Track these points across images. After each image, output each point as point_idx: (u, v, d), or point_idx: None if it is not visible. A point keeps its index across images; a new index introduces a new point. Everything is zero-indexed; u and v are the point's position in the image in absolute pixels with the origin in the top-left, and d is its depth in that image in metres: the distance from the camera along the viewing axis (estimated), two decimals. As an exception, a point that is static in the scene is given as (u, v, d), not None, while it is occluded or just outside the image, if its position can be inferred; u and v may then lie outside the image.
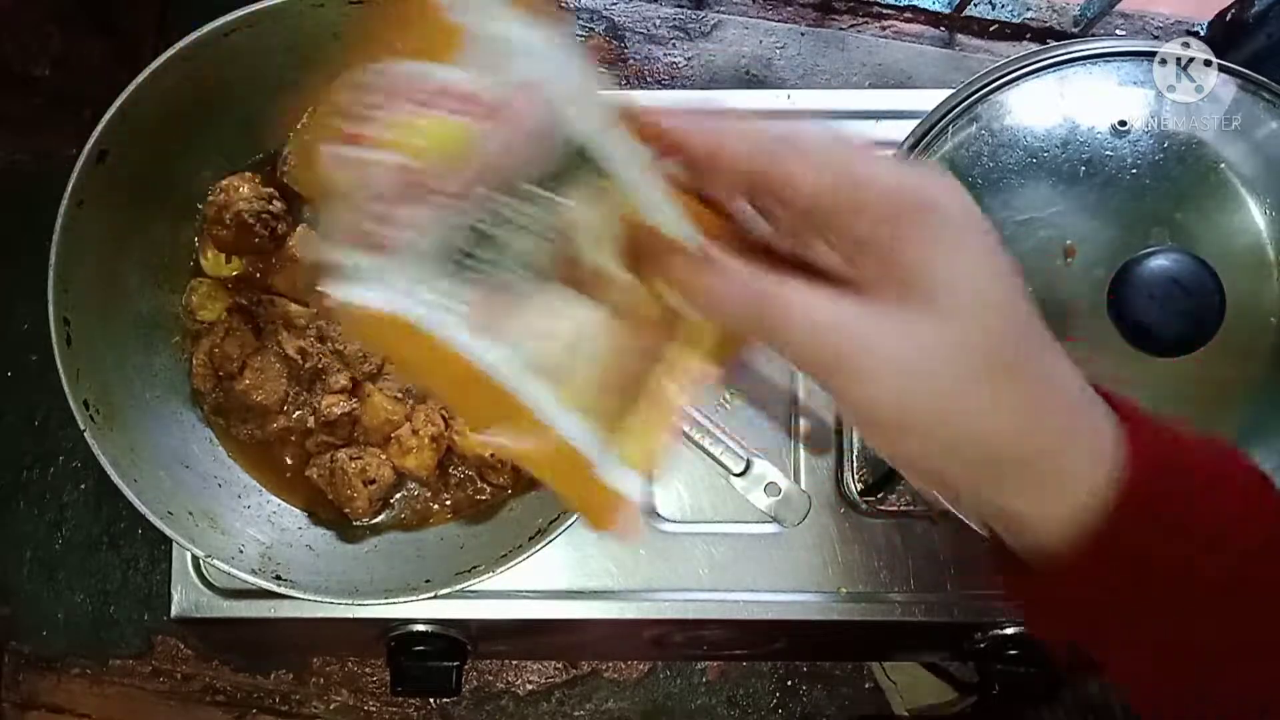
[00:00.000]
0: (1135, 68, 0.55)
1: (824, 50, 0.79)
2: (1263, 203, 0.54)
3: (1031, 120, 0.55)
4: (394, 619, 0.62)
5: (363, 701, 0.78)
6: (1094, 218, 0.53)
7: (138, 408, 0.60)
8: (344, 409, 0.62)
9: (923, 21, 0.80)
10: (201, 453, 0.63)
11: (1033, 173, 0.54)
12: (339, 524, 0.63)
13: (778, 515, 0.59)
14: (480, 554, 0.59)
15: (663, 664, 0.78)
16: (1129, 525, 0.31)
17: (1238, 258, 0.53)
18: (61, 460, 0.78)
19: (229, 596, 0.62)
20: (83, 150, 0.54)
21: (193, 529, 0.57)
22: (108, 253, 0.59)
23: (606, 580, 0.63)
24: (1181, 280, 0.50)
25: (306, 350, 0.63)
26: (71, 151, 0.54)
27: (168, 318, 0.64)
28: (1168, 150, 0.54)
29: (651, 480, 0.33)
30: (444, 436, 0.62)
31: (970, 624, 0.63)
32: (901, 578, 0.63)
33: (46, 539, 0.78)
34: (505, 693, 0.79)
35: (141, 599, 0.77)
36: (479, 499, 0.64)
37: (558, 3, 0.30)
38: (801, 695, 0.78)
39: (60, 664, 0.77)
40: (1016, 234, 0.54)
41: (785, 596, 0.63)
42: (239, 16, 0.55)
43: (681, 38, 0.80)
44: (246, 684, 0.78)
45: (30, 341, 0.78)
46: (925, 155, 0.55)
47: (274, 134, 0.63)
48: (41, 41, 0.80)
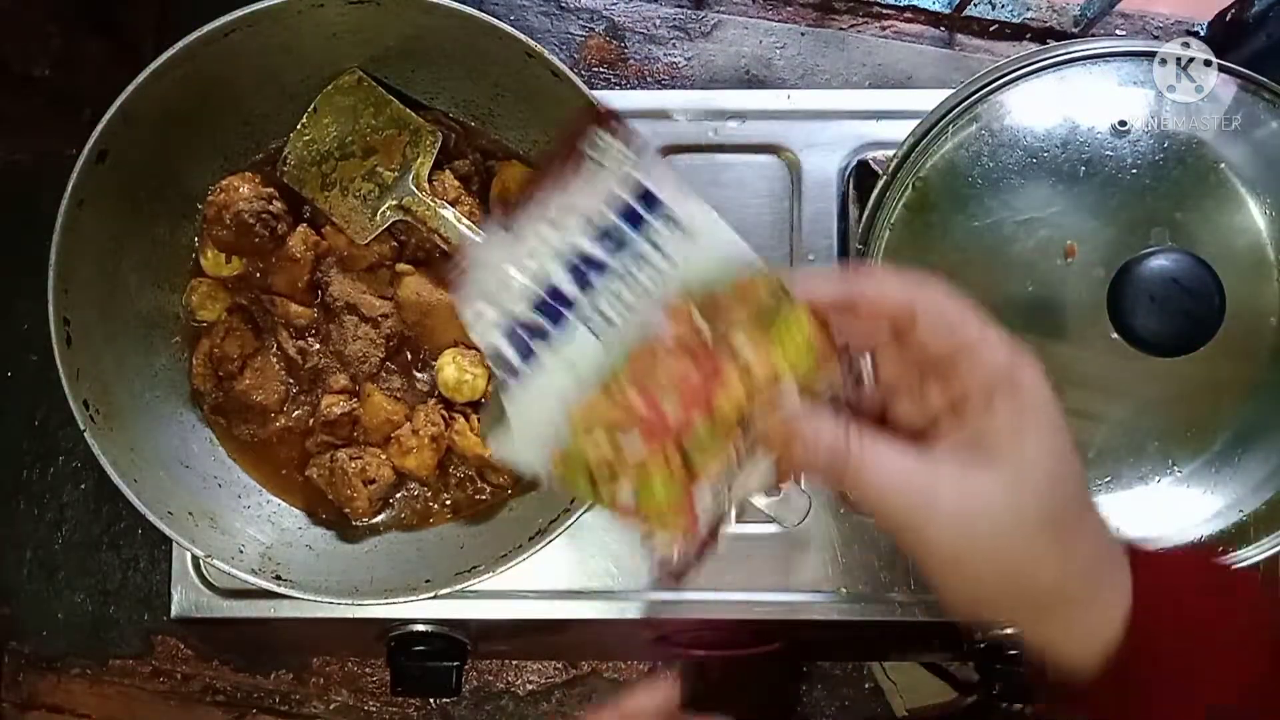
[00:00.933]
0: (1135, 68, 0.55)
1: (824, 50, 0.79)
2: (1263, 203, 0.54)
3: (1031, 120, 0.55)
4: (394, 619, 0.62)
5: (363, 701, 0.78)
6: (1094, 218, 0.53)
7: (138, 408, 0.60)
8: (344, 409, 0.62)
9: (923, 21, 0.80)
10: (201, 453, 0.63)
11: (1033, 173, 0.54)
12: (339, 524, 0.63)
13: (778, 515, 0.59)
14: (480, 554, 0.59)
15: (663, 664, 0.78)
16: (1133, 659, 0.36)
17: (1238, 258, 0.53)
18: (61, 460, 0.78)
19: (229, 596, 0.62)
20: (83, 150, 0.54)
21: (193, 529, 0.57)
22: (108, 253, 0.59)
23: (606, 580, 0.63)
24: (1181, 280, 0.50)
25: (306, 350, 0.63)
26: (71, 151, 0.54)
27: (168, 318, 0.64)
28: (1168, 150, 0.54)
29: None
30: (444, 436, 0.62)
31: (970, 624, 0.63)
32: (901, 578, 0.63)
33: (46, 539, 0.78)
34: (505, 693, 0.79)
35: (141, 599, 0.77)
36: (479, 499, 0.64)
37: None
38: (801, 695, 0.78)
39: (60, 664, 0.77)
40: (1016, 234, 0.54)
41: (785, 596, 0.63)
42: (239, 16, 0.55)
43: (681, 38, 0.80)
44: (246, 684, 0.78)
45: (30, 341, 0.78)
46: (925, 155, 0.55)
47: (274, 134, 0.64)
48: (41, 41, 0.80)
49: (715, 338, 0.35)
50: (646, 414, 0.35)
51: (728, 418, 0.35)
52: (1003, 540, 0.35)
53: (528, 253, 0.36)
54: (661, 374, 0.35)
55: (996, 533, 0.34)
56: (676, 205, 0.35)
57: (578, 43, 0.80)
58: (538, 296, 0.36)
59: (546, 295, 0.36)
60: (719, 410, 0.35)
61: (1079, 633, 0.36)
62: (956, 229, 0.55)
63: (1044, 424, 0.35)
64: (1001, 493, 0.34)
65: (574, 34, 0.80)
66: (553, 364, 0.36)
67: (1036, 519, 0.35)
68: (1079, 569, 0.36)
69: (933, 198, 0.55)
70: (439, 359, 0.62)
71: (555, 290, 0.36)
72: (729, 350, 0.35)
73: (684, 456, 0.35)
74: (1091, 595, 0.36)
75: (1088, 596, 0.36)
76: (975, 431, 0.35)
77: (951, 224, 0.55)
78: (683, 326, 0.35)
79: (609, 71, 0.79)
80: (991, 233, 0.54)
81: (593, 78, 0.79)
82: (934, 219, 0.55)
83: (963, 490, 0.35)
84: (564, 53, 0.79)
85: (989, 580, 0.36)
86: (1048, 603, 0.36)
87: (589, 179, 0.35)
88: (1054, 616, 0.36)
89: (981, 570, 0.35)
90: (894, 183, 0.56)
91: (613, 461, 0.35)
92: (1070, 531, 0.36)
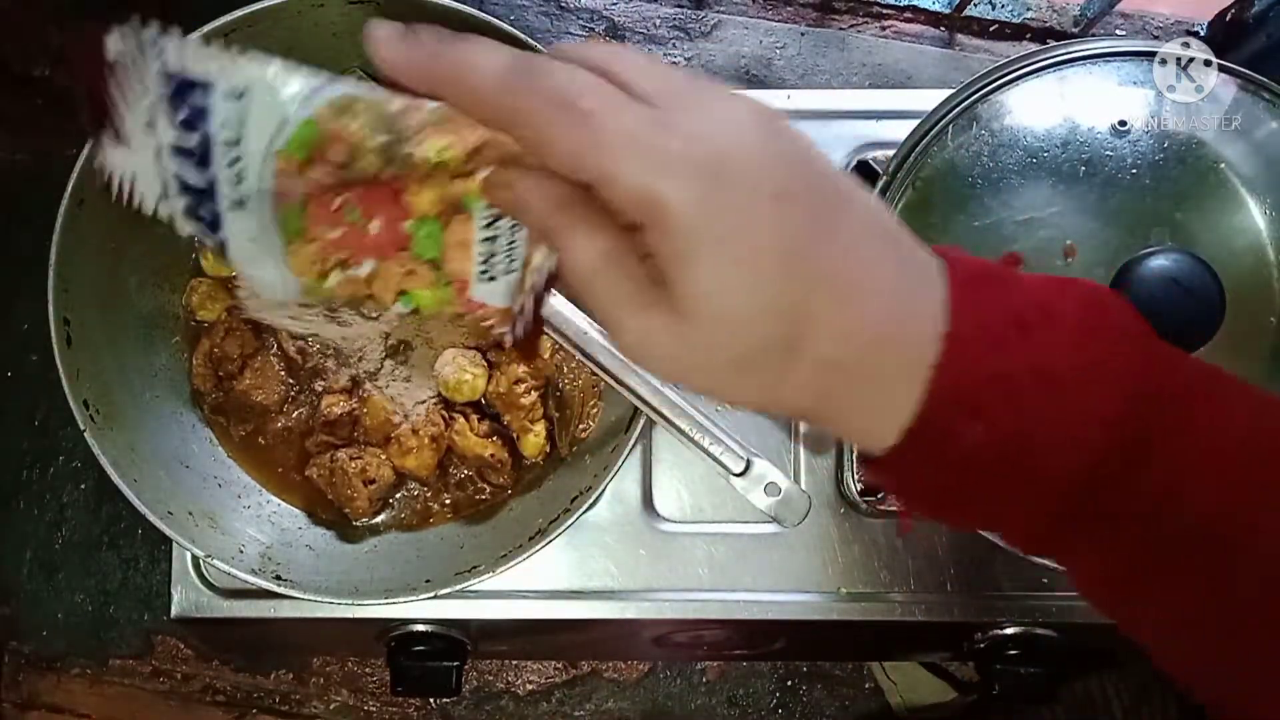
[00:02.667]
0: (1135, 68, 0.55)
1: (824, 50, 0.79)
2: (1263, 203, 0.53)
3: (1031, 120, 0.55)
4: (394, 619, 0.62)
5: (363, 701, 0.78)
6: (1094, 218, 0.53)
7: (137, 407, 0.60)
8: (344, 409, 0.62)
9: (923, 21, 0.80)
10: (201, 452, 0.63)
11: (1033, 173, 0.54)
12: (339, 524, 0.63)
13: (778, 515, 0.59)
14: (480, 554, 0.59)
15: (663, 664, 0.78)
16: (937, 417, 0.31)
17: (1238, 258, 0.53)
18: (61, 460, 0.78)
19: (229, 596, 0.62)
20: (83, 150, 0.54)
21: (192, 529, 0.57)
22: (108, 253, 0.59)
23: (606, 580, 0.63)
24: (1181, 280, 0.50)
25: (306, 350, 0.63)
26: (71, 151, 0.54)
27: (168, 318, 0.64)
28: (1168, 150, 0.54)
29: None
30: (444, 436, 0.62)
31: (970, 624, 0.63)
32: (901, 578, 0.63)
33: (46, 539, 0.78)
34: (505, 693, 0.79)
35: (141, 599, 0.77)
36: (479, 499, 0.64)
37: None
38: (801, 695, 0.78)
39: (60, 664, 0.77)
40: (1017, 234, 0.54)
41: (785, 596, 0.63)
42: (239, 16, 0.55)
43: (681, 38, 0.80)
44: (246, 684, 0.78)
45: (30, 341, 0.78)
46: (925, 155, 0.55)
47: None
48: (41, 41, 0.80)
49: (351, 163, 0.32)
50: (355, 240, 0.34)
51: (429, 210, 0.33)
52: (701, 381, 0.31)
53: (152, 155, 0.34)
54: (335, 210, 0.34)
55: (689, 375, 0.30)
56: (222, 78, 0.32)
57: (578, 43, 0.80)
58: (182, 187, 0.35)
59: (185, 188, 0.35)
60: (416, 206, 0.33)
61: (874, 419, 0.32)
62: (957, 229, 0.55)
63: (706, 260, 0.28)
64: (670, 340, 0.30)
65: (574, 34, 0.80)
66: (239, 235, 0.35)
67: (726, 362, 0.30)
68: (821, 384, 0.31)
69: (933, 198, 0.55)
70: (438, 359, 0.62)
71: (185, 184, 0.35)
72: (376, 161, 0.32)
73: (431, 264, 0.35)
74: (865, 383, 0.31)
75: (859, 401, 0.31)
76: (656, 277, 0.29)
77: (952, 224, 0.55)
78: (297, 178, 0.33)
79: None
80: (992, 233, 0.54)
81: (593, 78, 0.79)
82: (934, 219, 0.55)
83: (645, 331, 0.30)
84: (564, 53, 0.79)
85: (741, 404, 0.32)
86: (801, 415, 0.32)
87: (136, 83, 0.33)
88: (835, 420, 0.32)
89: (724, 400, 0.32)
90: (894, 183, 0.56)
91: (365, 290, 0.35)
92: (791, 362, 0.30)
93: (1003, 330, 0.31)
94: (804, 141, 0.30)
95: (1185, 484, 0.32)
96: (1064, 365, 0.31)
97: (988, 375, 0.30)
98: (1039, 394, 0.30)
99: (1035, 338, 0.31)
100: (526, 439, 0.63)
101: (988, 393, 0.30)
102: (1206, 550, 0.32)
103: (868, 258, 0.30)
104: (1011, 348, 0.31)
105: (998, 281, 0.32)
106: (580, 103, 0.28)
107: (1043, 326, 0.31)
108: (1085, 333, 0.31)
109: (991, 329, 0.31)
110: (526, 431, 0.62)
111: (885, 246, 0.31)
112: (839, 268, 0.30)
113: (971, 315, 0.31)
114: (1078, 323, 0.32)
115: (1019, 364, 0.31)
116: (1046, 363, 0.31)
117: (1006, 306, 0.31)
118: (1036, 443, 0.31)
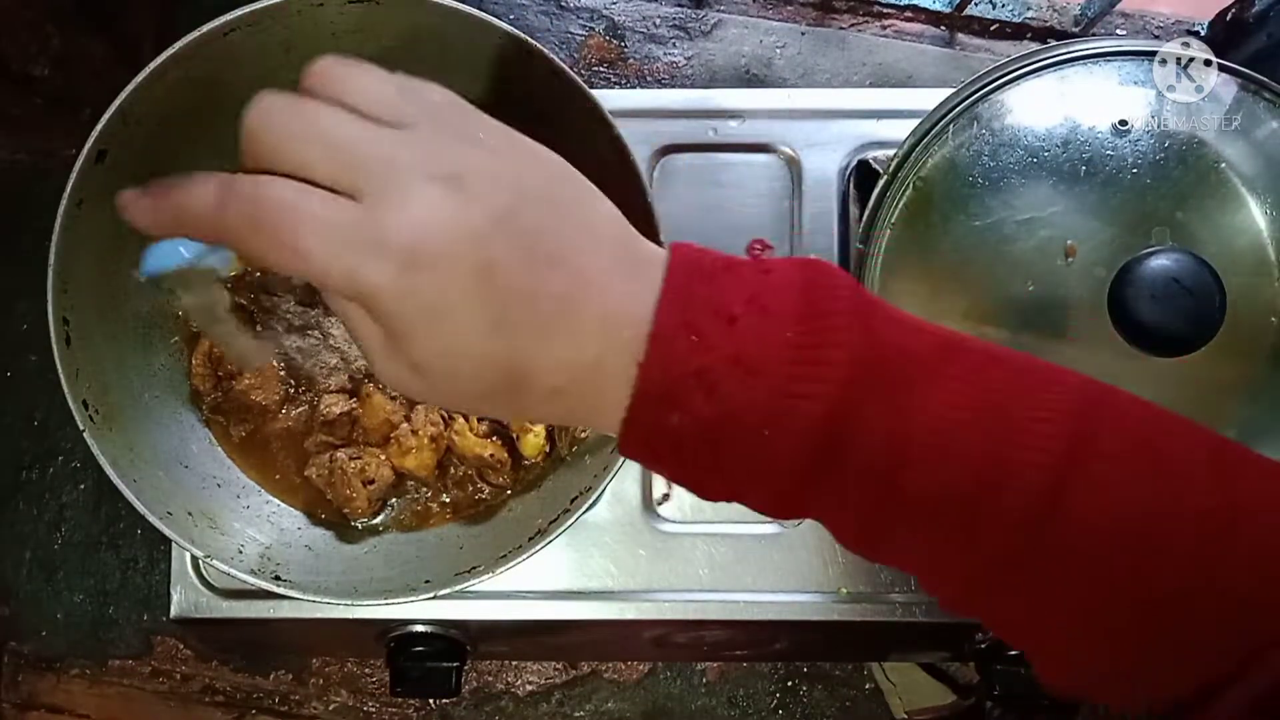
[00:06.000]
0: (1135, 67, 0.55)
1: (824, 49, 0.79)
2: (1263, 202, 0.53)
3: (1032, 120, 0.55)
4: (393, 619, 0.62)
5: (362, 702, 0.78)
6: (1094, 217, 0.53)
7: (136, 407, 0.60)
8: (344, 409, 0.62)
9: (923, 21, 0.80)
10: (201, 453, 0.63)
11: (1033, 172, 0.54)
12: (338, 524, 0.63)
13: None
14: (480, 554, 0.59)
15: (663, 664, 0.78)
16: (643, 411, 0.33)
17: (1238, 258, 0.53)
18: (61, 460, 0.78)
19: (229, 597, 0.62)
20: (82, 150, 0.54)
21: (192, 529, 0.57)
22: (108, 253, 0.59)
23: (606, 580, 0.63)
24: (1182, 280, 0.50)
25: (306, 350, 0.63)
26: (71, 151, 0.54)
27: (167, 318, 0.64)
28: (1168, 150, 0.54)
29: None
30: (444, 436, 0.62)
31: (970, 624, 0.63)
32: (901, 578, 0.63)
33: (46, 539, 0.78)
34: (505, 693, 0.79)
35: (141, 599, 0.77)
36: (479, 499, 0.64)
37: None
38: (802, 696, 0.78)
39: (60, 664, 0.77)
40: (1017, 234, 0.54)
41: (785, 597, 0.63)
42: (239, 16, 0.55)
43: (681, 37, 0.80)
44: (246, 684, 0.78)
45: (30, 341, 0.78)
46: (926, 155, 0.55)
47: (274, 134, 0.63)
48: (41, 41, 0.80)
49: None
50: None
51: None
52: (454, 408, 0.37)
53: None
54: None
55: (443, 404, 0.37)
56: None
57: (578, 42, 0.80)
58: None
59: None
60: None
61: (600, 420, 0.34)
62: (957, 229, 0.55)
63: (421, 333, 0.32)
64: (415, 382, 0.34)
65: (574, 33, 0.80)
66: None
67: (469, 398, 0.34)
68: (556, 405, 0.34)
69: (933, 197, 0.55)
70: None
71: None
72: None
73: None
74: (593, 395, 0.33)
75: (589, 399, 0.34)
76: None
77: (952, 224, 0.55)
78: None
79: (609, 70, 0.79)
80: (992, 232, 0.54)
81: (592, 77, 0.79)
82: (935, 219, 0.55)
83: (395, 374, 0.34)
84: (564, 52, 0.79)
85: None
86: (555, 423, 0.36)
87: None
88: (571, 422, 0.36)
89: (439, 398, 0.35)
90: (894, 182, 0.56)
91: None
92: (524, 395, 0.33)
93: (708, 324, 0.32)
94: (521, 184, 0.33)
95: (910, 454, 0.33)
96: (769, 352, 0.32)
97: (690, 369, 0.32)
98: (737, 382, 0.32)
99: (740, 328, 0.32)
100: (526, 439, 0.63)
101: (685, 385, 0.32)
102: (949, 508, 0.34)
103: (588, 280, 0.33)
104: (714, 341, 0.32)
105: (709, 276, 0.33)
106: (278, 217, 0.32)
107: (750, 316, 0.33)
108: (799, 320, 0.33)
109: (695, 324, 0.32)
110: (526, 431, 0.62)
111: (611, 261, 0.33)
112: (551, 311, 0.32)
113: (679, 313, 0.33)
114: (793, 309, 0.33)
115: (718, 356, 0.32)
116: (749, 351, 0.32)
117: (713, 301, 0.33)
118: (746, 426, 0.32)
